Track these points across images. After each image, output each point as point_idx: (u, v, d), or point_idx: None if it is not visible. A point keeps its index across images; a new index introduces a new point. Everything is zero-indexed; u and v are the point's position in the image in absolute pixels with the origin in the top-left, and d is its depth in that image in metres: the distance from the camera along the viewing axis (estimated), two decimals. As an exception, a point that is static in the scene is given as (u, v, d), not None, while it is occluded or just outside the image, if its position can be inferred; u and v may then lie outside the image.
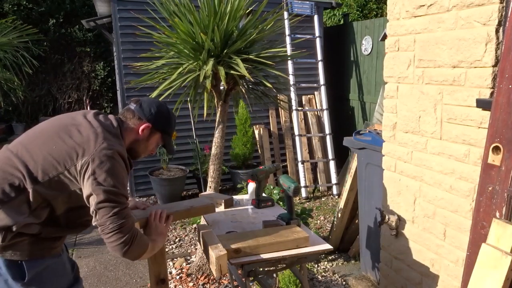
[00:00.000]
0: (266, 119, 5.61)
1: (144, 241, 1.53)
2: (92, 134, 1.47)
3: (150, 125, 1.65)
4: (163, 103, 1.75)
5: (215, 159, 3.06)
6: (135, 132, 1.65)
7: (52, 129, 1.53)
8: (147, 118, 1.65)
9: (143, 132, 1.66)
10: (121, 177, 1.46)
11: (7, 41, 5.57)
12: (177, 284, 3.11)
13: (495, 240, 1.59)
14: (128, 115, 1.66)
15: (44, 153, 1.44)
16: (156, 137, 1.71)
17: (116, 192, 1.42)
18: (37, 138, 1.50)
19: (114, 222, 1.41)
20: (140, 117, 1.65)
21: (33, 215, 1.43)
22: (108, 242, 1.43)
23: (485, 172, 1.71)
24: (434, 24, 2.03)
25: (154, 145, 1.74)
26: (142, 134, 1.66)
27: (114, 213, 1.41)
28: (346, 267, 3.31)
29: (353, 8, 8.79)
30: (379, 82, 5.26)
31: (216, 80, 2.87)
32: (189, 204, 1.99)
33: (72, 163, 1.43)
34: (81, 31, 9.55)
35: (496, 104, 1.66)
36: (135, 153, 1.69)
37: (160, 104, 1.72)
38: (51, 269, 1.51)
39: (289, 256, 1.77)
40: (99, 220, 1.42)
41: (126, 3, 4.77)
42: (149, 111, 1.66)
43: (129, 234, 1.43)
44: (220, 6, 2.69)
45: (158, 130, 1.69)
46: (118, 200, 1.43)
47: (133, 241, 1.44)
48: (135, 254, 1.49)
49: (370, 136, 2.87)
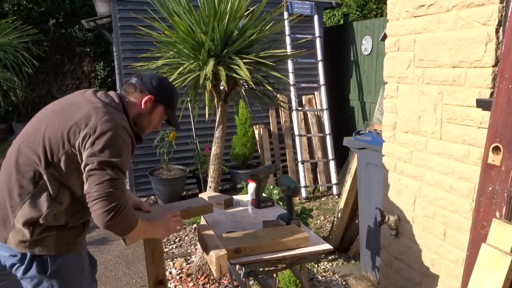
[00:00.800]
0: (266, 119, 5.61)
1: (132, 217, 1.46)
2: (93, 109, 1.48)
3: (152, 97, 1.65)
4: (164, 77, 1.76)
5: (215, 159, 3.06)
6: (138, 105, 1.65)
7: (53, 112, 1.54)
8: (149, 90, 1.65)
9: (146, 105, 1.66)
10: (119, 150, 1.43)
11: (7, 41, 5.57)
12: (177, 284, 3.11)
13: (495, 240, 1.59)
14: (129, 89, 1.67)
15: (49, 135, 1.46)
16: (159, 110, 1.71)
17: (111, 163, 1.40)
18: (41, 123, 1.52)
19: (100, 190, 1.36)
20: (142, 90, 1.65)
21: (56, 202, 1.46)
22: (92, 211, 1.37)
23: (485, 172, 1.71)
24: (434, 24, 2.03)
25: (158, 119, 1.74)
26: (145, 107, 1.66)
27: (103, 181, 1.37)
28: (346, 267, 3.31)
29: (353, 8, 8.80)
30: (379, 82, 5.26)
31: (216, 80, 2.87)
32: (187, 204, 1.99)
33: (75, 138, 1.43)
34: (81, 31, 9.56)
35: (496, 104, 1.66)
36: (139, 127, 1.69)
37: (162, 77, 1.74)
38: (72, 265, 1.56)
39: (289, 256, 1.77)
40: (87, 187, 1.39)
41: (126, 3, 4.77)
42: (151, 84, 1.66)
43: (115, 204, 1.36)
44: (220, 5, 2.70)
45: (160, 103, 1.69)
46: (111, 171, 1.39)
47: (118, 213, 1.37)
48: (119, 228, 1.43)
49: (370, 136, 2.87)
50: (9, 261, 1.52)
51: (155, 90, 1.67)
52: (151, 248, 1.82)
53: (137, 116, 1.66)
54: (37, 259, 1.48)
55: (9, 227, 1.47)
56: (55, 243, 1.49)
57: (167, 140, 4.88)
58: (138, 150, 5.08)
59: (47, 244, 1.48)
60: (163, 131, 4.89)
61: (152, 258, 1.83)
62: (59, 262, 1.51)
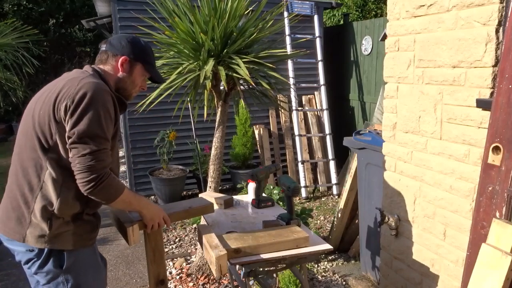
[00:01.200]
0: (266, 119, 5.61)
1: (115, 187, 1.50)
2: (68, 81, 1.49)
3: (126, 57, 1.63)
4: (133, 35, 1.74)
5: (215, 159, 3.06)
6: (116, 70, 1.64)
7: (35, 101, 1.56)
8: (121, 52, 1.63)
9: (123, 67, 1.64)
10: (99, 117, 1.44)
11: (8, 41, 5.57)
12: (177, 284, 3.11)
13: (495, 240, 1.59)
14: (102, 57, 1.65)
15: (38, 122, 1.49)
16: (138, 69, 1.67)
17: (92, 133, 1.42)
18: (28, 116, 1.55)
19: (82, 162, 1.41)
20: (115, 53, 1.63)
21: (64, 188, 1.49)
22: (76, 179, 1.44)
23: (485, 172, 1.71)
24: (434, 24, 2.03)
25: (141, 78, 1.71)
26: (123, 69, 1.64)
27: (84, 154, 1.41)
28: (346, 267, 3.31)
29: (352, 9, 8.80)
30: (379, 82, 5.26)
31: (216, 80, 2.87)
32: (187, 204, 1.99)
33: (59, 114, 1.44)
34: (81, 31, 9.56)
35: (496, 104, 1.66)
36: (124, 91, 1.67)
37: (130, 35, 1.70)
38: (86, 259, 1.60)
39: (289, 256, 1.77)
40: (71, 158, 1.44)
41: (126, 3, 4.77)
42: (121, 44, 1.64)
43: (95, 175, 1.42)
44: (220, 4, 2.70)
45: (137, 61, 1.66)
46: (91, 142, 1.42)
47: (98, 183, 1.43)
48: (101, 196, 1.48)
49: (370, 136, 2.87)
50: (26, 256, 1.54)
51: (128, 49, 1.63)
52: (152, 247, 1.82)
53: (118, 81, 1.65)
54: (54, 254, 1.52)
55: (26, 225, 1.50)
56: (72, 238, 1.53)
57: (167, 140, 4.88)
58: (138, 150, 5.10)
59: (65, 239, 1.52)
60: (163, 131, 4.90)
61: (153, 257, 1.83)
62: (75, 257, 1.55)
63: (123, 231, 1.72)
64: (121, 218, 1.74)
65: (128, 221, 1.71)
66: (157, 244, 1.83)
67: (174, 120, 4.80)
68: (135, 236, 1.69)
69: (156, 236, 1.83)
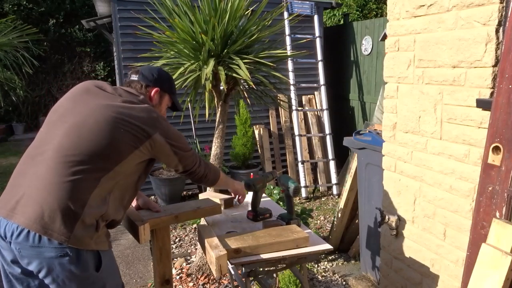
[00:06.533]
0: (266, 119, 5.61)
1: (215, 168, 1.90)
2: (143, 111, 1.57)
3: (158, 88, 1.74)
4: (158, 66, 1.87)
5: (215, 159, 3.06)
6: (148, 99, 1.72)
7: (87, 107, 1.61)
8: (153, 83, 1.73)
9: (154, 97, 1.74)
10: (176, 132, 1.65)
11: (8, 41, 5.57)
12: (177, 284, 3.11)
13: (495, 240, 1.59)
14: (136, 86, 1.72)
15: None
16: (166, 99, 1.80)
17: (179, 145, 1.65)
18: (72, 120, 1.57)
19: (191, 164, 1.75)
20: (147, 84, 1.72)
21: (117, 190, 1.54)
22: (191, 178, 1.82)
23: (485, 172, 1.72)
24: (434, 24, 2.03)
25: (165, 108, 1.83)
26: (154, 99, 1.74)
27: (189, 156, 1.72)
28: (346, 267, 3.31)
29: (353, 8, 8.80)
30: (379, 82, 5.26)
31: (216, 80, 2.87)
32: (195, 205, 1.99)
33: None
34: (81, 31, 9.56)
35: (496, 104, 1.66)
36: None
37: (158, 67, 1.81)
38: (112, 259, 1.61)
39: (289, 256, 1.77)
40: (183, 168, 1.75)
41: (126, 3, 4.77)
42: (152, 76, 1.74)
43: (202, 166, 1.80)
44: (220, 3, 2.70)
45: (165, 92, 1.78)
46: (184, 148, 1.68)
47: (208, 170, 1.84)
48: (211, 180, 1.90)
49: (370, 136, 2.87)
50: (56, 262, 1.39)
51: (159, 81, 1.74)
52: (159, 247, 1.83)
53: None
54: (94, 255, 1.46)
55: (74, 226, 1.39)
56: (106, 239, 1.54)
57: (167, 140, 4.87)
58: (138, 150, 5.09)
59: (103, 240, 1.51)
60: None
61: (160, 257, 1.84)
62: (108, 256, 1.56)
63: (133, 229, 1.74)
64: (131, 217, 1.75)
65: (139, 220, 1.73)
66: (165, 243, 1.84)
67: (175, 120, 4.80)
68: (146, 234, 1.71)
69: (164, 236, 1.84)
